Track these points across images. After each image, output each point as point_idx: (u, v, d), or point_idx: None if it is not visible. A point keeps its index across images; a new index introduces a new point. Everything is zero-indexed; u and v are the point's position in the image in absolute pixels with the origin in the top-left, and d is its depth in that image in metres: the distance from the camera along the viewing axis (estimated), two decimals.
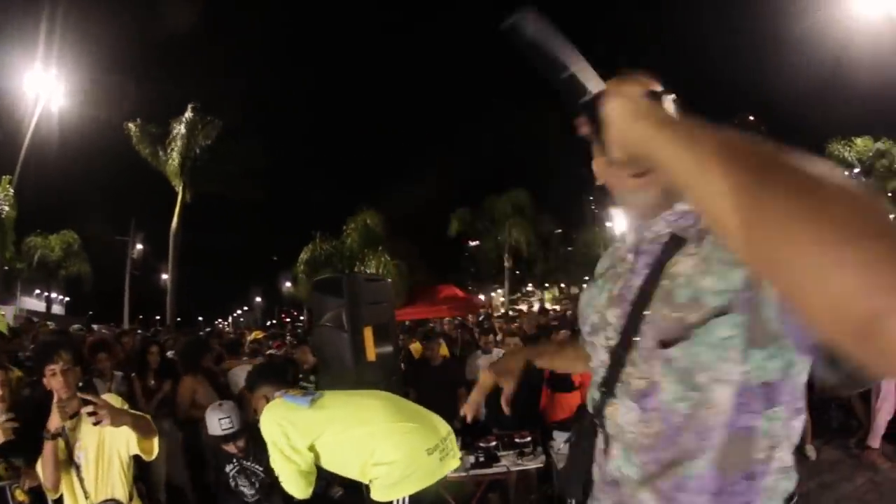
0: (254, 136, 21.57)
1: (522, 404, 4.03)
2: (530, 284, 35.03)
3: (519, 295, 32.05)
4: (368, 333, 3.39)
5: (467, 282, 33.35)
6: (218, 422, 2.99)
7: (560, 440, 3.79)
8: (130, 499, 2.37)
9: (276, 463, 2.55)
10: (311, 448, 2.55)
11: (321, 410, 2.63)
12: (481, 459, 3.75)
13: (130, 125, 18.44)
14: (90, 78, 17.99)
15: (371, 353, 3.44)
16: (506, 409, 1.41)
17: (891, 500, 4.09)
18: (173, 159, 18.47)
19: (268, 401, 2.74)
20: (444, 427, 2.72)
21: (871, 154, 25.10)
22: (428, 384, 4.65)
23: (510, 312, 15.94)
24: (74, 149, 18.79)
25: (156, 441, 2.33)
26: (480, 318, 13.25)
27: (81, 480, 2.26)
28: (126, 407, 2.33)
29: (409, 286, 19.31)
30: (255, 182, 20.19)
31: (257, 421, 2.66)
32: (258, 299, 32.94)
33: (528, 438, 3.97)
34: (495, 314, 16.16)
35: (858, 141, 25.60)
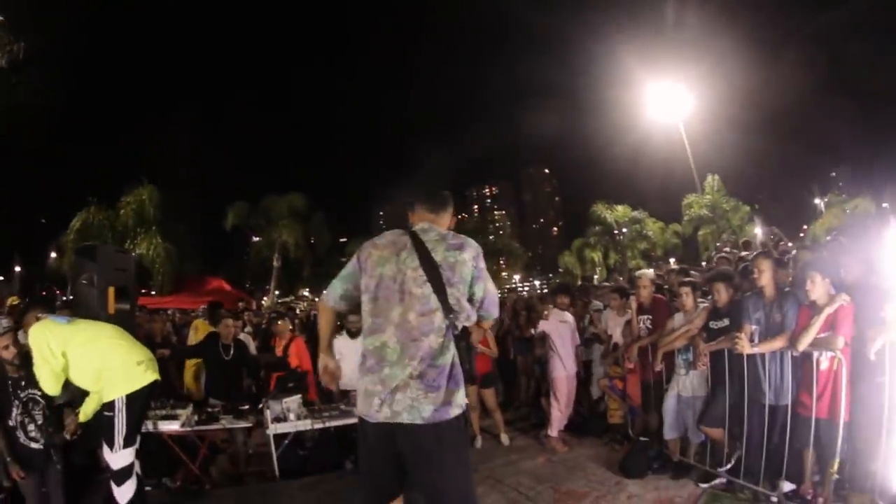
0: (48, 70, 19.26)
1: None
2: (307, 289, 35.73)
3: (292, 298, 32.75)
4: (111, 292, 4.24)
5: (246, 277, 33.17)
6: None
7: (275, 406, 5.22)
8: None
9: (37, 364, 3.47)
10: (64, 354, 3.47)
11: (74, 326, 3.64)
12: (203, 418, 5.18)
13: None
14: None
15: (111, 307, 4.21)
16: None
17: (560, 473, 5.14)
18: None
19: (37, 320, 3.65)
20: (148, 351, 3.84)
21: (627, 219, 32.08)
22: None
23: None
24: None
25: None
26: None
27: None
28: None
29: (176, 272, 19.23)
30: (37, 124, 18.48)
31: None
32: (17, 269, 28.59)
33: (247, 406, 5.46)
34: None
35: (619, 207, 32.65)
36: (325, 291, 2.65)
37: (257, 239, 27.32)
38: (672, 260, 24.74)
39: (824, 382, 3.82)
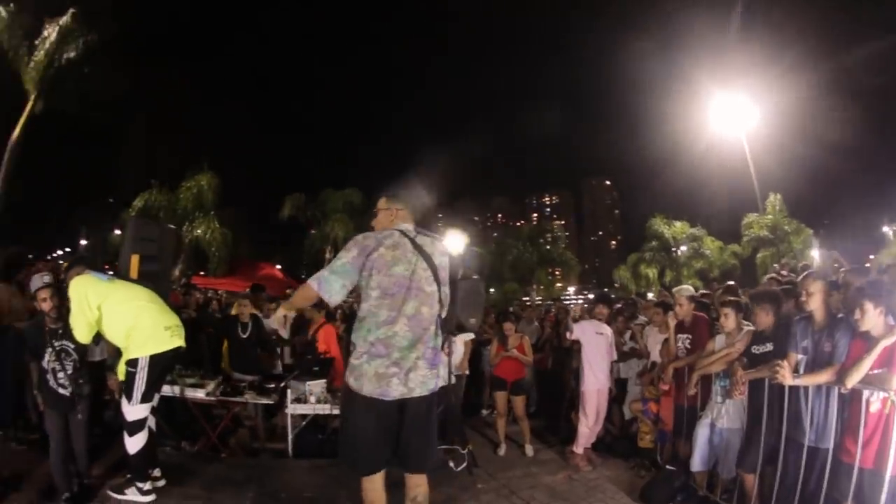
0: (125, 59, 20.30)
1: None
2: None
3: None
4: (135, 259, 4.50)
5: (300, 267, 33.93)
6: (40, 278, 4.14)
7: (297, 387, 5.41)
8: None
9: (74, 314, 3.76)
10: (99, 308, 3.77)
11: (112, 284, 3.97)
12: (228, 390, 5.45)
13: (1, 9, 16.92)
14: None
15: (133, 272, 4.42)
16: None
17: (578, 493, 5.01)
18: (38, 61, 17.45)
19: (79, 274, 3.94)
20: (178, 318, 4.13)
21: (684, 236, 31.09)
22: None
23: None
24: None
25: None
26: None
27: None
28: None
29: (231, 256, 19.82)
30: (111, 110, 19.41)
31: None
32: (83, 242, 30.15)
33: (272, 385, 5.58)
34: None
35: (678, 223, 31.76)
36: (316, 282, 2.81)
37: (313, 231, 27.81)
38: (731, 283, 23.55)
39: (873, 427, 3.35)
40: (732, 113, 22.98)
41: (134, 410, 3.78)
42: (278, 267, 21.62)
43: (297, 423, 5.39)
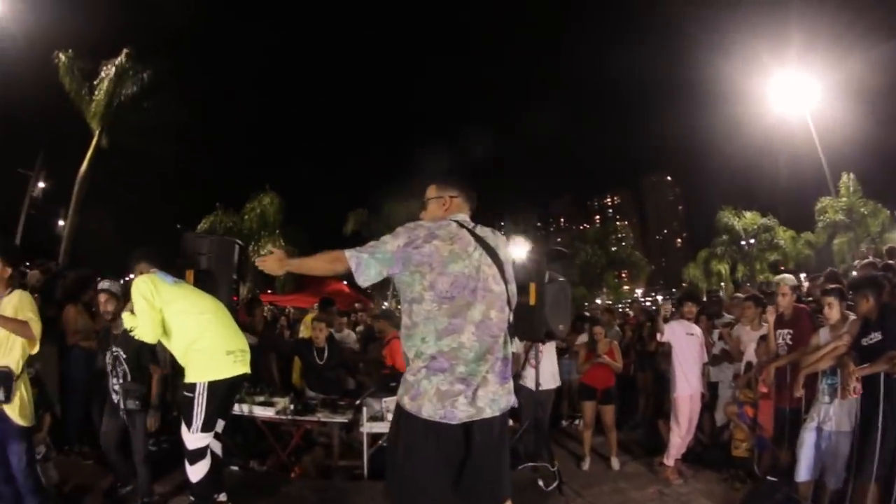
0: (180, 90, 21.38)
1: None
2: None
3: None
4: (189, 274, 4.51)
5: None
6: (107, 281, 4.39)
7: (373, 404, 5.24)
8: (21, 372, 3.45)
9: (139, 311, 3.47)
10: (160, 311, 3.52)
11: (178, 288, 3.72)
12: (300, 409, 5.32)
13: (61, 55, 18.34)
14: None
15: None
16: None
17: None
18: (98, 101, 18.73)
19: (143, 273, 3.70)
20: (244, 342, 3.81)
21: (756, 227, 29.62)
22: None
23: None
24: None
25: (31, 336, 3.42)
26: None
27: None
28: (25, 309, 3.42)
29: (298, 274, 20.22)
30: (171, 140, 20.56)
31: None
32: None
33: (346, 402, 5.47)
34: None
35: (748, 214, 30.23)
36: (354, 259, 2.34)
37: None
38: (803, 275, 22.04)
39: None
40: (794, 92, 21.58)
41: (193, 438, 3.54)
42: (344, 282, 21.88)
43: (374, 443, 5.23)
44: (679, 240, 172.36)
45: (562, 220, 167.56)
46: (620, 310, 16.33)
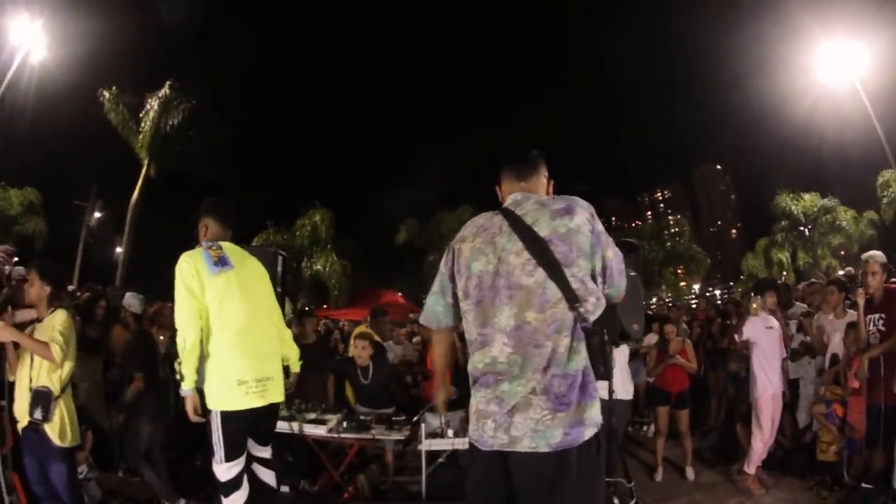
0: (222, 114, 22.10)
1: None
2: None
3: None
4: None
5: (424, 292, 34.25)
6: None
7: (432, 420, 4.91)
8: (62, 392, 3.41)
9: (179, 297, 3.03)
10: (202, 299, 3.06)
11: (215, 282, 3.08)
12: (353, 426, 5.03)
13: (105, 92, 19.30)
14: (74, 35, 18.44)
15: None
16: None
17: None
18: (144, 132, 19.50)
19: (200, 236, 3.31)
20: (271, 370, 3.21)
21: (816, 209, 27.52)
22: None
23: None
24: (47, 105, 19.27)
25: (52, 357, 3.31)
26: None
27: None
28: (51, 328, 3.37)
29: (352, 287, 20.37)
30: (218, 163, 21.03)
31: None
32: None
33: (402, 417, 5.13)
34: None
35: (807, 196, 28.10)
36: (422, 314, 2.18)
37: (431, 258, 28.00)
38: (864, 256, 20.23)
39: None
40: (841, 61, 19.88)
41: (221, 470, 3.10)
42: (399, 293, 21.81)
43: (433, 461, 4.97)
44: (734, 231, 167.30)
45: (613, 219, 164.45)
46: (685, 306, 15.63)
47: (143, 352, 4.99)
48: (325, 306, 21.02)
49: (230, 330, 3.10)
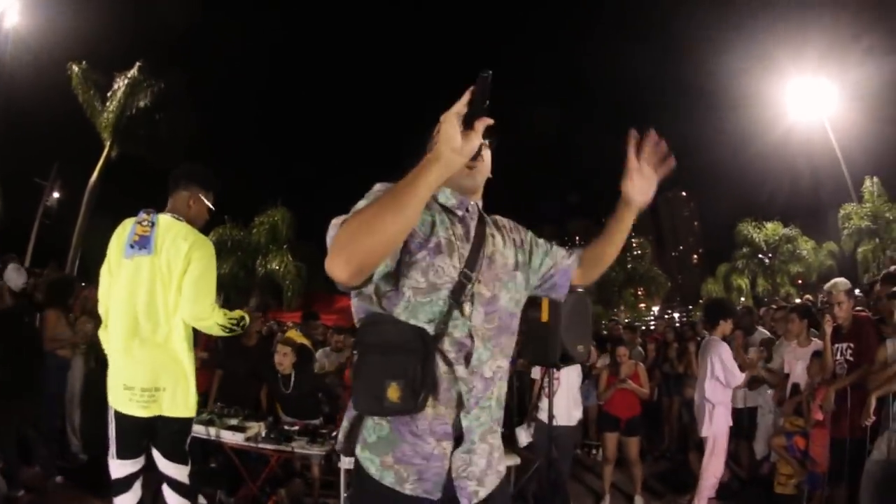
0: (190, 102, 21.07)
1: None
2: None
3: None
4: None
5: None
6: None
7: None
8: None
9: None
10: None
11: (124, 271, 2.74)
12: (273, 437, 4.64)
13: (74, 66, 18.28)
14: (52, 3, 17.99)
15: None
16: None
17: None
18: (110, 112, 18.53)
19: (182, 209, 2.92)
20: (165, 380, 2.74)
21: (777, 238, 27.71)
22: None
23: None
24: (13, 73, 18.29)
25: None
26: None
27: None
28: None
29: (306, 289, 19.86)
30: (181, 151, 20.12)
31: None
32: None
33: (325, 430, 4.66)
34: None
35: (769, 225, 28.30)
36: None
37: None
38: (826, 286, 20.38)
39: None
40: (809, 97, 20.55)
41: (113, 466, 2.76)
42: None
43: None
44: (695, 256, 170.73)
45: (577, 237, 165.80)
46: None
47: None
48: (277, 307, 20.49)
49: (123, 328, 2.70)
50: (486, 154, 1.56)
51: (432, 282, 1.38)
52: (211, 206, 3.04)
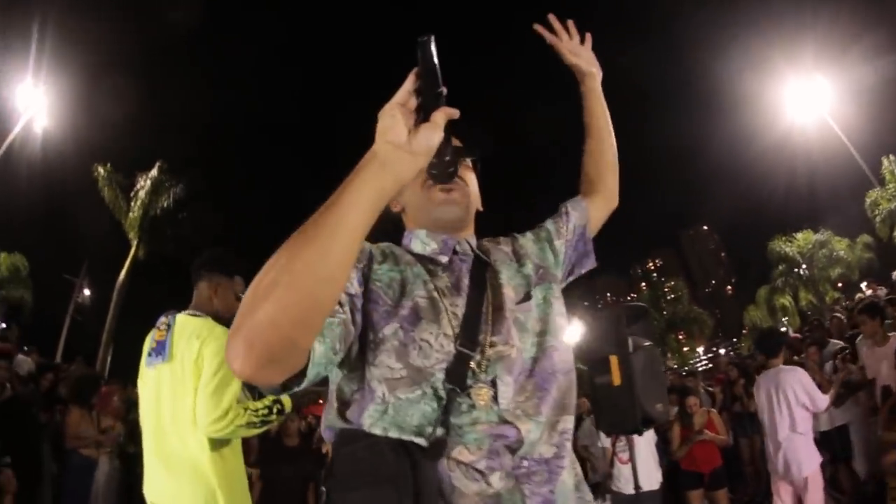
0: (212, 198, 22.39)
1: None
2: None
3: None
4: None
5: None
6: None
7: None
8: None
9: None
10: None
11: (144, 383, 2.46)
12: None
13: (99, 168, 18.75)
14: (78, 106, 18.54)
15: None
16: None
17: None
18: (135, 213, 18.86)
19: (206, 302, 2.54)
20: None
21: (810, 246, 26.46)
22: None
23: None
24: (43, 174, 19.07)
25: None
26: None
27: None
28: None
29: None
30: (208, 246, 20.22)
31: None
32: None
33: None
34: None
35: (799, 235, 27.17)
36: None
37: None
38: (863, 284, 18.99)
39: None
40: (807, 98, 19.56)
41: None
42: None
43: None
44: (729, 287, 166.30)
45: (608, 294, 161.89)
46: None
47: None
48: None
49: (148, 445, 2.33)
50: (470, 176, 1.17)
51: (416, 366, 0.94)
52: (239, 294, 2.57)
